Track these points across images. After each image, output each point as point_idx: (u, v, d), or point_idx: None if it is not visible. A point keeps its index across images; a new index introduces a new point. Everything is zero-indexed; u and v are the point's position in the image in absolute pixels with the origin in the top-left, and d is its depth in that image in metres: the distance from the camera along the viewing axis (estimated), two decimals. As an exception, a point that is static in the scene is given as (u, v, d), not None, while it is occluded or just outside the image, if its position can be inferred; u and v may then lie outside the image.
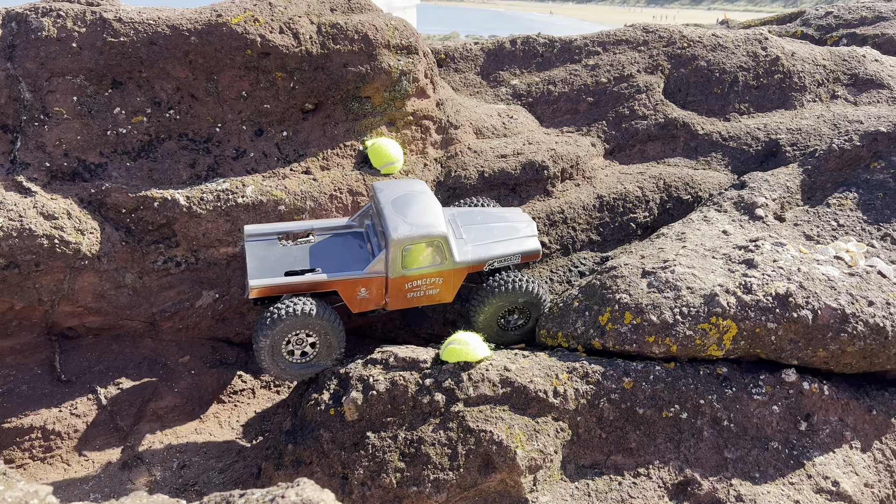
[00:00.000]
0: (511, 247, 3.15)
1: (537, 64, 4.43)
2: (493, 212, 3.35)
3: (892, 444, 2.79)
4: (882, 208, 3.19)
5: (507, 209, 3.42)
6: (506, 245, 3.14)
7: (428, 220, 2.91)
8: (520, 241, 3.19)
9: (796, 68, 4.32)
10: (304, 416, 2.75)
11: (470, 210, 3.33)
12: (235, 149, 3.31)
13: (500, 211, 3.38)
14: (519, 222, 3.29)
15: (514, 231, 3.22)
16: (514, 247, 3.16)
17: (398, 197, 2.99)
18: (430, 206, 2.99)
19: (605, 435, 2.64)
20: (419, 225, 2.87)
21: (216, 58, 3.16)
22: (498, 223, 3.25)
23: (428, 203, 3.00)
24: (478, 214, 3.29)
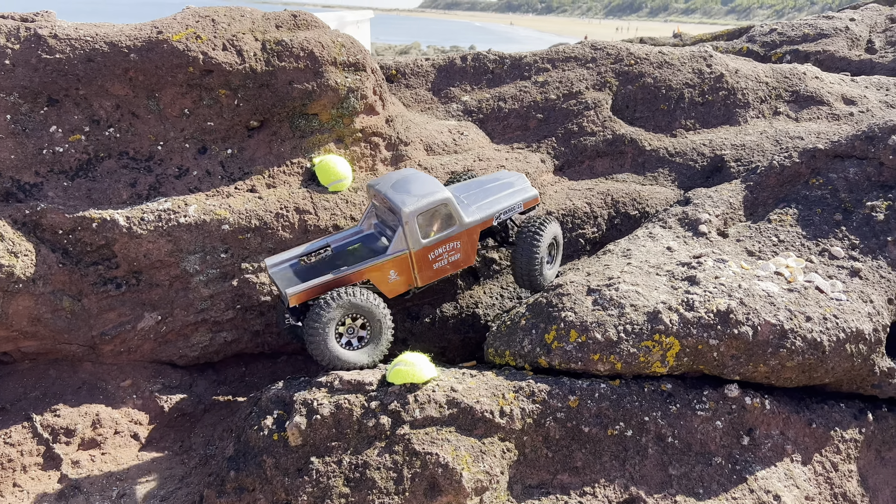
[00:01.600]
0: (511, 199, 3.38)
1: (488, 80, 4.45)
2: (483, 178, 3.58)
3: (831, 456, 2.85)
4: (820, 224, 3.26)
5: (494, 173, 3.67)
6: (506, 198, 3.37)
7: (430, 189, 3.04)
8: (516, 192, 3.43)
9: (740, 85, 4.42)
10: (248, 442, 2.70)
11: (463, 183, 3.52)
12: (178, 167, 3.24)
13: (488, 175, 3.62)
14: (509, 178, 3.53)
15: (508, 186, 3.46)
16: (515, 198, 3.39)
17: (395, 181, 3.11)
18: (427, 179, 3.13)
19: (552, 454, 2.64)
20: (423, 195, 3.00)
21: (157, 75, 3.10)
22: (492, 184, 3.48)
23: (425, 178, 3.14)
24: (471, 184, 3.50)
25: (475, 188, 3.43)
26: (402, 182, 3.10)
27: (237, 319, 3.28)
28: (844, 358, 2.77)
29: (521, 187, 3.46)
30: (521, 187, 3.46)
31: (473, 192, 3.38)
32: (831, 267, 3.07)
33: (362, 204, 3.49)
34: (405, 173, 3.20)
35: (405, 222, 2.92)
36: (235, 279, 3.21)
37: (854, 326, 2.77)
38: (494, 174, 3.61)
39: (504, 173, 3.60)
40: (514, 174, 3.58)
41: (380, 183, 3.11)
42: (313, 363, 3.49)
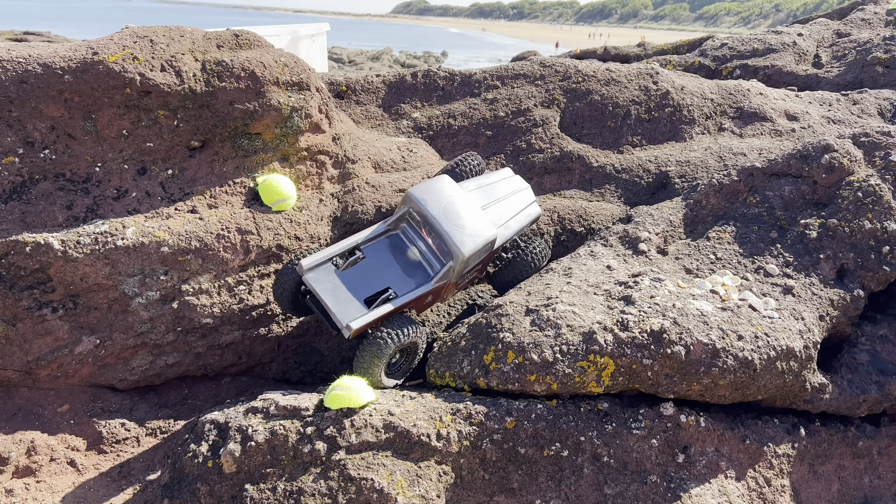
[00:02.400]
0: (523, 219, 3.40)
1: (438, 97, 4.47)
2: (501, 186, 3.46)
3: (764, 471, 2.90)
4: (756, 241, 3.33)
5: (506, 178, 3.54)
6: (520, 218, 3.38)
7: (480, 227, 3.08)
8: (527, 210, 3.44)
9: (686, 102, 4.49)
10: (182, 469, 2.67)
11: (485, 187, 3.41)
12: (116, 189, 3.21)
13: (504, 182, 3.50)
14: (521, 191, 3.49)
15: (522, 201, 3.45)
16: (526, 218, 3.42)
17: (444, 206, 3.08)
18: (472, 206, 3.14)
19: (489, 476, 2.65)
20: (475, 234, 3.04)
21: (93, 96, 3.06)
22: (510, 196, 3.43)
23: (469, 204, 3.14)
24: (493, 190, 3.41)
25: (497, 199, 3.38)
26: (451, 209, 3.07)
27: (178, 342, 3.24)
28: (776, 375, 2.82)
29: (529, 202, 3.45)
30: (529, 202, 3.45)
31: (497, 205, 3.34)
32: (766, 284, 3.13)
33: (307, 223, 3.49)
34: (448, 193, 3.12)
35: (457, 262, 3.00)
36: (176, 301, 3.18)
37: (785, 344, 2.82)
38: (508, 180, 3.50)
39: (516, 182, 3.52)
40: (522, 184, 3.51)
41: (427, 202, 3.06)
42: (258, 385, 3.47)
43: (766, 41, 6.20)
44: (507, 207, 3.37)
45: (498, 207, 3.35)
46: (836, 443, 3.09)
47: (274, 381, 3.50)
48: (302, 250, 3.44)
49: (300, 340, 3.45)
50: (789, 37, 6.28)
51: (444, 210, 3.07)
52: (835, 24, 6.74)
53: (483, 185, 3.40)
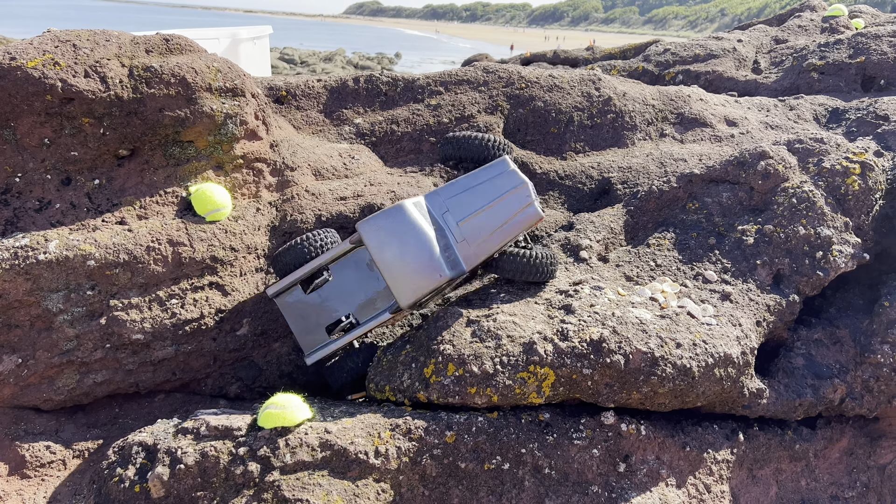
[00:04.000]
0: (511, 229, 3.00)
1: (381, 102, 4.40)
2: (489, 188, 3.02)
3: (704, 478, 2.92)
4: (695, 248, 3.36)
5: (499, 174, 3.06)
6: (507, 229, 3.00)
7: (430, 273, 2.87)
8: (518, 218, 3.01)
9: (627, 108, 4.52)
10: (108, 494, 2.55)
11: (467, 192, 3.02)
12: (39, 200, 3.06)
13: (495, 182, 3.04)
14: (512, 190, 3.02)
15: (511, 206, 3.00)
16: (515, 228, 3.01)
17: (392, 253, 2.89)
18: (425, 249, 2.88)
19: (428, 493, 2.60)
20: (418, 287, 2.89)
21: (11, 104, 2.91)
22: (497, 202, 3.00)
23: (421, 245, 2.88)
24: (476, 197, 3.00)
25: (476, 210, 2.99)
26: (399, 253, 2.87)
27: (107, 359, 3.11)
28: (714, 382, 2.84)
29: (524, 203, 2.99)
30: (524, 203, 2.99)
31: (474, 220, 2.97)
32: (704, 291, 3.15)
33: (243, 233, 3.38)
34: (402, 232, 2.87)
35: (404, 307, 2.93)
36: (104, 317, 3.04)
37: (723, 351, 2.85)
38: (490, 169, 3.07)
39: (497, 168, 3.07)
40: (519, 179, 3.04)
41: (373, 245, 2.90)
42: (193, 402, 3.35)
43: (708, 47, 6.31)
44: (489, 218, 2.98)
45: (477, 220, 2.98)
46: (774, 447, 3.13)
47: (210, 397, 3.38)
48: (238, 261, 3.34)
49: (237, 355, 3.34)
50: (729, 42, 6.39)
51: (391, 257, 2.89)
52: (773, 31, 6.90)
53: (467, 188, 3.04)
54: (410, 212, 2.93)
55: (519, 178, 3.05)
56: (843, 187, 3.43)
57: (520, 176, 3.05)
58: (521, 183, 3.03)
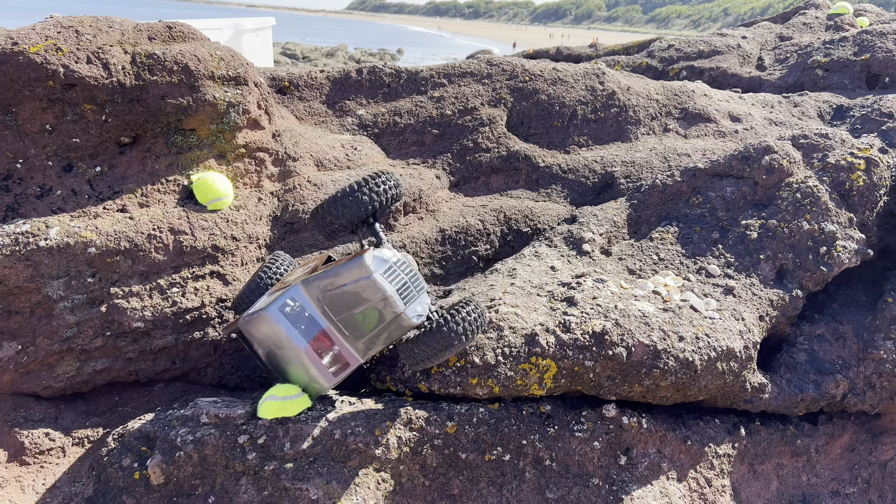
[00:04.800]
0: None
1: (384, 94, 4.39)
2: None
3: (705, 472, 2.91)
4: (699, 242, 3.34)
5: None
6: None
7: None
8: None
9: (631, 102, 4.50)
10: (108, 481, 2.55)
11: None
12: (40, 186, 3.04)
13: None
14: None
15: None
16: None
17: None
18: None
19: (429, 483, 2.59)
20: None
21: (13, 89, 2.90)
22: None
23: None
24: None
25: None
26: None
27: (107, 347, 3.10)
28: (716, 376, 2.83)
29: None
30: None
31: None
32: (707, 285, 3.14)
33: (244, 223, 3.37)
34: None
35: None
36: (104, 305, 3.03)
37: (725, 345, 2.83)
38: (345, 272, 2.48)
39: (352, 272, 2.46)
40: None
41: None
42: (193, 391, 3.34)
43: (712, 43, 6.28)
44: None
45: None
46: (776, 442, 3.12)
47: (210, 387, 3.37)
48: (239, 251, 3.33)
49: (237, 344, 3.33)
50: (734, 39, 6.37)
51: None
52: (778, 28, 6.88)
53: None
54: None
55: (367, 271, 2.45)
56: (848, 183, 3.42)
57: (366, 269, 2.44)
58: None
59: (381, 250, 2.47)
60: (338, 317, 2.47)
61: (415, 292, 2.47)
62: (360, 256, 2.40)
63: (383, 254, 2.46)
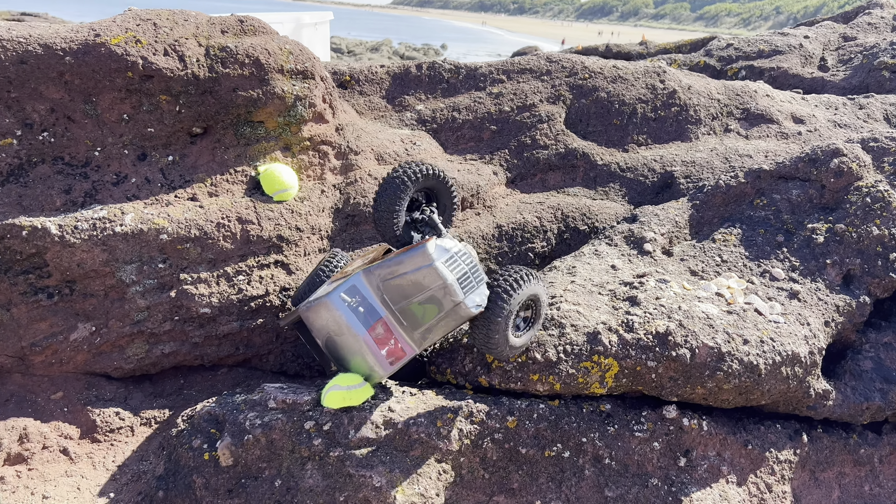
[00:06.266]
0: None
1: (443, 90, 4.42)
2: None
3: (766, 477, 2.88)
4: (763, 245, 3.30)
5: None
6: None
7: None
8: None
9: (692, 101, 4.45)
10: (178, 461, 2.63)
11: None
12: (116, 174, 3.15)
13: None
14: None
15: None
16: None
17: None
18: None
19: (489, 476, 2.62)
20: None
21: (94, 79, 3.00)
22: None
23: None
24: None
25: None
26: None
27: (175, 331, 3.19)
28: (780, 380, 2.80)
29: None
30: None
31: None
32: (771, 289, 3.10)
33: (308, 214, 3.44)
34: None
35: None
36: (174, 290, 3.12)
37: (790, 349, 2.80)
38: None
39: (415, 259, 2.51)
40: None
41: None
42: (254, 377, 3.43)
43: (773, 43, 6.16)
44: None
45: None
46: (838, 450, 3.07)
47: (271, 374, 3.45)
48: (302, 241, 3.39)
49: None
50: (795, 39, 6.24)
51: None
52: (841, 28, 6.71)
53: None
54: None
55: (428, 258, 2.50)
56: (920, 188, 3.33)
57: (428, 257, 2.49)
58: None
59: (443, 240, 2.51)
60: (396, 306, 2.51)
61: (474, 282, 2.50)
62: (422, 245, 2.44)
63: (445, 243, 2.49)
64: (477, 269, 2.53)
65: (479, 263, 2.59)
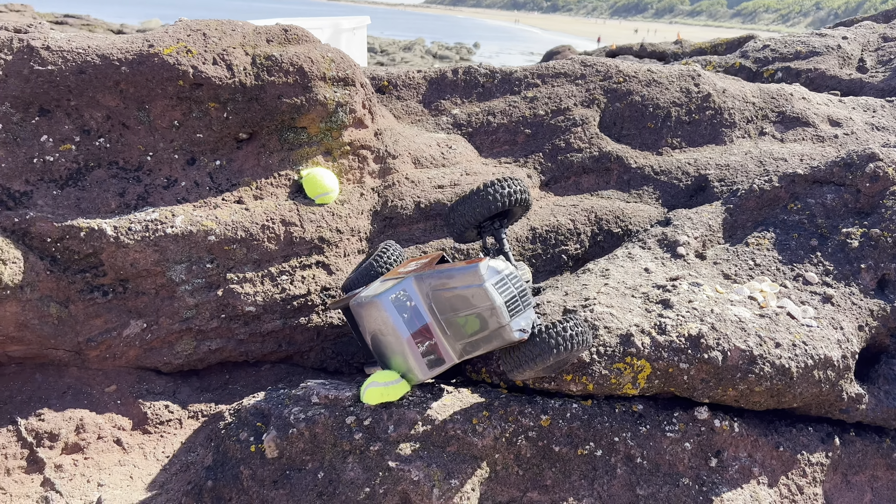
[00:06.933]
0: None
1: (478, 94, 4.50)
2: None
3: (797, 479, 2.91)
4: (796, 249, 3.32)
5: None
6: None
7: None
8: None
9: (727, 105, 4.47)
10: (226, 452, 2.76)
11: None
12: (167, 178, 3.30)
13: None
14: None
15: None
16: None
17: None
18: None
19: (522, 472, 2.70)
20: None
21: (147, 87, 3.15)
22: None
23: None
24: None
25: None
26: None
27: (221, 328, 3.33)
28: (812, 384, 2.83)
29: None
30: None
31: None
32: (804, 293, 3.12)
33: (348, 216, 3.55)
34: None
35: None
36: (220, 289, 3.26)
37: (823, 353, 2.83)
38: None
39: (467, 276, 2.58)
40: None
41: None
42: (296, 373, 3.55)
43: (810, 44, 6.12)
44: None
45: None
46: (871, 454, 3.08)
47: (312, 370, 3.58)
48: (342, 243, 3.51)
49: (338, 331, 3.52)
50: (833, 40, 6.19)
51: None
52: (881, 28, 6.62)
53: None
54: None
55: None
56: (958, 193, 3.32)
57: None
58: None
59: (496, 261, 2.58)
60: (442, 316, 2.60)
61: (522, 307, 2.57)
62: (475, 264, 2.52)
63: (497, 265, 2.56)
64: (525, 293, 2.60)
65: (528, 288, 2.66)
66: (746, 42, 6.80)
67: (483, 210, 2.77)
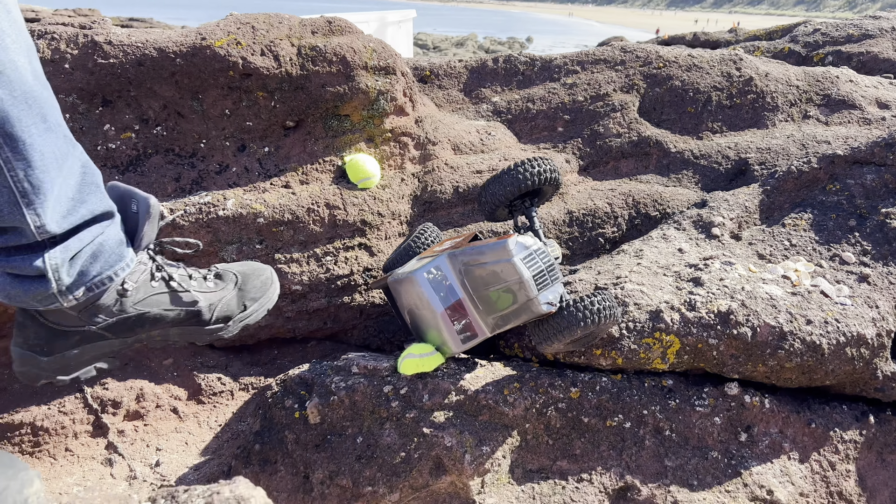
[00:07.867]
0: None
1: (518, 82, 4.59)
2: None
3: (829, 455, 2.92)
4: (834, 229, 3.31)
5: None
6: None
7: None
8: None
9: (769, 88, 4.44)
10: (272, 419, 2.94)
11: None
12: (219, 164, 3.50)
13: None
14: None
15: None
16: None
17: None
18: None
19: (552, 442, 2.80)
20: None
21: (201, 78, 3.35)
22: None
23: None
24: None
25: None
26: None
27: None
28: (845, 361, 2.84)
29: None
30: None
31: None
32: (840, 272, 3.12)
33: (389, 200, 3.70)
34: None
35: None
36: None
37: (856, 331, 2.83)
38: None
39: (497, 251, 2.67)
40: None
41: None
42: (340, 350, 3.72)
43: (863, 27, 5.98)
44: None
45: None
46: (908, 433, 3.06)
47: (355, 347, 3.74)
48: (384, 226, 3.66)
49: (381, 309, 3.67)
50: (888, 22, 6.03)
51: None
52: (940, 9, 6.42)
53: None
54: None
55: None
56: None
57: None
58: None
59: (524, 237, 2.68)
60: (474, 291, 2.71)
61: (549, 281, 2.66)
62: (504, 240, 2.63)
63: (525, 241, 2.66)
64: (553, 268, 2.69)
65: (556, 263, 2.75)
66: (796, 28, 6.67)
67: (513, 188, 2.87)
